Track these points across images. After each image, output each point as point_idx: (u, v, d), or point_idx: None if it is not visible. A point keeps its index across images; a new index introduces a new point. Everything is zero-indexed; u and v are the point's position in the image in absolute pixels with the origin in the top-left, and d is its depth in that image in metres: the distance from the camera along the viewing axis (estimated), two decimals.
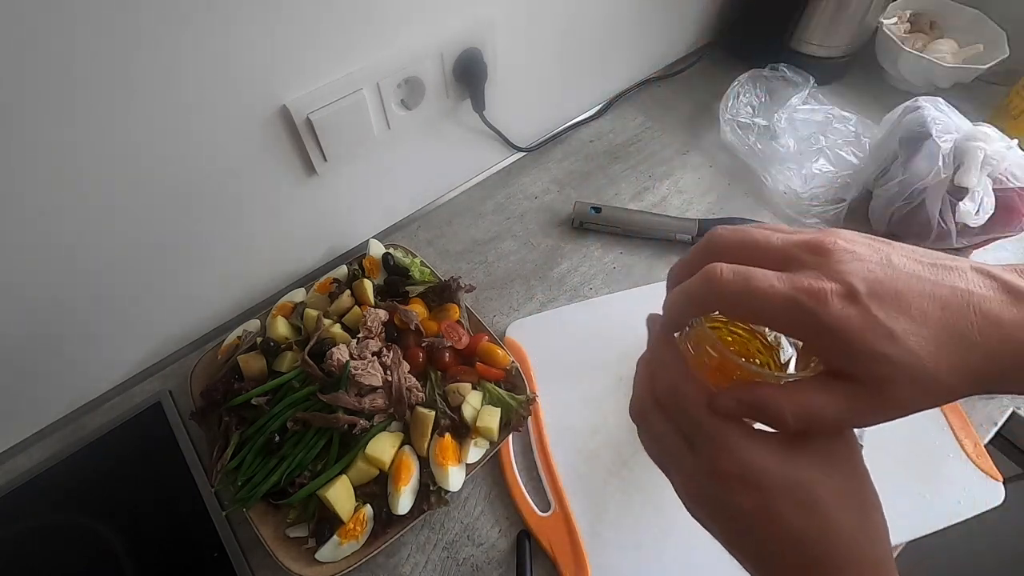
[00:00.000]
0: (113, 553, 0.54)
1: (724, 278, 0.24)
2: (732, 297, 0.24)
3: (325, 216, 0.69)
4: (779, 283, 0.23)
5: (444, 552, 0.53)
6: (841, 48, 0.88)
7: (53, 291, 0.52)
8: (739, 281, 0.23)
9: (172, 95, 0.47)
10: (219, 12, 0.44)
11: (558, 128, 0.88)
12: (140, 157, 0.48)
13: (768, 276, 0.23)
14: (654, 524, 0.53)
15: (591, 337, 0.65)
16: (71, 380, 0.62)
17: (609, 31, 0.81)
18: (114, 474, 0.59)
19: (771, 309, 0.23)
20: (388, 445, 0.54)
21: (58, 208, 0.47)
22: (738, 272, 0.24)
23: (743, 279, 0.23)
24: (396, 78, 0.60)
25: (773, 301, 0.22)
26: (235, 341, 0.63)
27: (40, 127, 0.42)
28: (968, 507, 0.53)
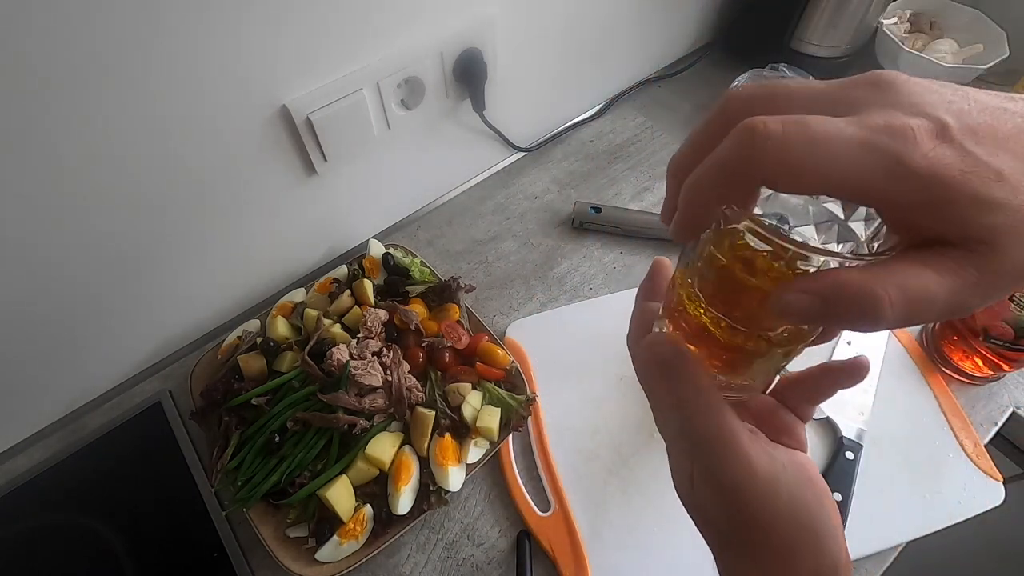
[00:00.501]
0: (113, 553, 0.54)
1: (771, 129, 0.17)
2: (787, 155, 0.17)
3: (325, 216, 0.69)
4: (848, 126, 0.17)
5: (444, 552, 0.53)
6: (841, 48, 0.88)
7: (53, 291, 0.52)
8: (795, 131, 0.17)
9: (172, 95, 0.47)
10: (219, 12, 0.44)
11: (558, 128, 0.88)
12: (140, 157, 0.48)
13: (831, 121, 0.17)
14: (654, 524, 0.53)
15: (591, 337, 0.65)
16: (71, 380, 0.62)
17: (609, 31, 0.81)
18: (114, 474, 0.59)
19: (842, 164, 0.17)
20: (388, 445, 0.54)
21: (58, 208, 0.47)
22: (788, 121, 0.17)
23: (799, 127, 0.17)
24: (396, 78, 0.60)
25: (845, 151, 0.16)
26: (235, 341, 0.63)
27: (40, 128, 0.42)
28: (968, 507, 0.53)
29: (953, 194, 0.16)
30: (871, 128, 0.17)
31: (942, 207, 0.17)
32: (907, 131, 0.16)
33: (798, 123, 0.17)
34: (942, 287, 0.17)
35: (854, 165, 0.17)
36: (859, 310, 0.17)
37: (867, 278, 0.17)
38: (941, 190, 0.16)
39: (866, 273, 0.17)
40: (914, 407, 0.59)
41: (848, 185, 0.17)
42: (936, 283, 0.17)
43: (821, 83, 0.19)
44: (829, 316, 0.18)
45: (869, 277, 0.17)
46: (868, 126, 0.17)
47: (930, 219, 0.17)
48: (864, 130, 0.17)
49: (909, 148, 0.16)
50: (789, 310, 0.18)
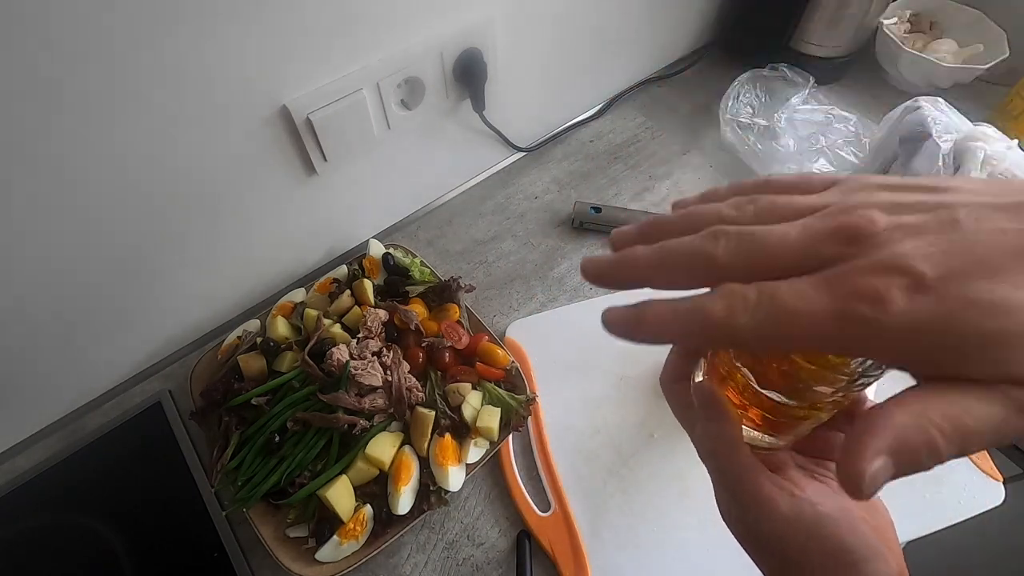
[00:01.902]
0: (113, 553, 0.54)
1: (737, 320, 0.17)
2: (762, 332, 0.17)
3: (325, 216, 0.69)
4: (819, 295, 0.17)
5: (444, 552, 0.53)
6: (841, 48, 0.88)
7: (53, 291, 0.52)
8: (767, 311, 0.17)
9: (172, 96, 0.47)
10: (219, 12, 0.44)
11: (558, 128, 0.88)
12: (140, 157, 0.48)
13: (801, 291, 0.17)
14: (654, 524, 0.53)
15: (591, 337, 0.64)
16: (71, 380, 0.62)
17: (609, 31, 0.81)
18: (114, 474, 0.59)
19: (820, 336, 0.17)
20: (388, 445, 0.54)
21: (58, 208, 0.47)
22: (762, 298, 0.17)
23: (771, 305, 0.17)
24: (396, 78, 0.60)
25: (820, 324, 0.16)
26: (235, 341, 0.63)
27: (39, 128, 0.42)
28: (968, 507, 0.53)
29: (947, 340, 0.16)
30: (843, 296, 0.16)
31: (938, 355, 0.16)
32: (878, 294, 0.16)
33: (771, 299, 0.17)
34: (989, 421, 0.16)
35: (832, 336, 0.17)
36: (924, 461, 0.17)
37: (925, 427, 0.16)
38: (930, 341, 0.16)
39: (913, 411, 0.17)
40: None
41: (831, 350, 0.18)
42: (986, 417, 0.16)
43: (798, 232, 0.18)
44: (904, 472, 0.17)
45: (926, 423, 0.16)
46: (840, 294, 0.16)
47: (933, 368, 0.17)
48: (837, 300, 0.16)
49: (880, 312, 0.16)
50: (874, 482, 0.17)
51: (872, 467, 0.16)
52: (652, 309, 0.19)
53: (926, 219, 0.17)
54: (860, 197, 0.19)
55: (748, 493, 0.24)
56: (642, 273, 0.20)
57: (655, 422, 0.59)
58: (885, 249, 0.17)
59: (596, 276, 0.21)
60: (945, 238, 0.16)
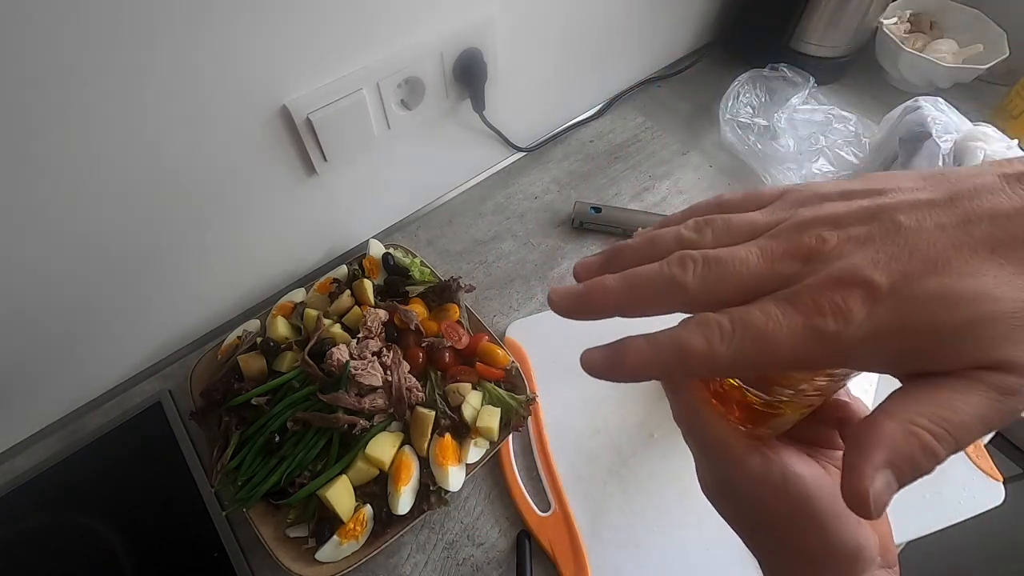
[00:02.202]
0: (113, 553, 0.54)
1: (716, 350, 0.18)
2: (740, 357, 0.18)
3: (325, 216, 0.69)
4: (786, 315, 0.18)
5: (444, 552, 0.53)
6: (841, 48, 0.88)
7: (53, 291, 0.52)
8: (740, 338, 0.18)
9: (172, 96, 0.47)
10: (219, 12, 0.44)
11: (558, 128, 0.88)
12: (140, 157, 0.48)
13: (769, 310, 0.18)
14: (654, 524, 0.53)
15: (591, 337, 0.64)
16: (71, 380, 0.62)
17: (609, 31, 0.81)
18: (114, 474, 0.59)
19: (792, 353, 0.18)
20: (388, 445, 0.54)
21: (57, 208, 0.47)
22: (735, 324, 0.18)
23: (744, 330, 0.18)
24: (396, 78, 0.60)
25: (791, 341, 0.18)
26: (235, 341, 0.63)
27: (39, 128, 0.42)
28: (968, 507, 0.53)
29: (910, 340, 0.17)
30: (809, 313, 0.17)
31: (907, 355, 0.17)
32: (838, 308, 0.17)
33: (745, 326, 0.18)
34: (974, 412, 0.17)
35: (804, 352, 0.18)
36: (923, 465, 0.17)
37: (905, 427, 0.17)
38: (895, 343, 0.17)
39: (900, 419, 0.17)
40: None
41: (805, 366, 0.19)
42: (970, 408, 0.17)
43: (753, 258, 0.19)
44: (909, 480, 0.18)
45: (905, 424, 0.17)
46: (805, 311, 0.18)
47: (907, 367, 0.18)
48: (801, 316, 0.18)
49: (843, 325, 0.17)
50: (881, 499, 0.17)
51: (876, 485, 0.17)
52: (631, 347, 0.20)
53: (871, 228, 0.18)
54: (807, 212, 0.20)
55: (719, 452, 0.24)
56: (613, 303, 0.21)
57: (655, 422, 0.59)
58: (838, 263, 0.18)
59: (566, 309, 0.22)
60: (891, 244, 0.17)
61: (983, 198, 0.17)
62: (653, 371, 0.20)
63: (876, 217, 0.18)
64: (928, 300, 0.17)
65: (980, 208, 0.17)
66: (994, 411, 0.16)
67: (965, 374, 0.17)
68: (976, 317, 0.16)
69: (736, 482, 0.24)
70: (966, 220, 0.17)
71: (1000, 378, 0.16)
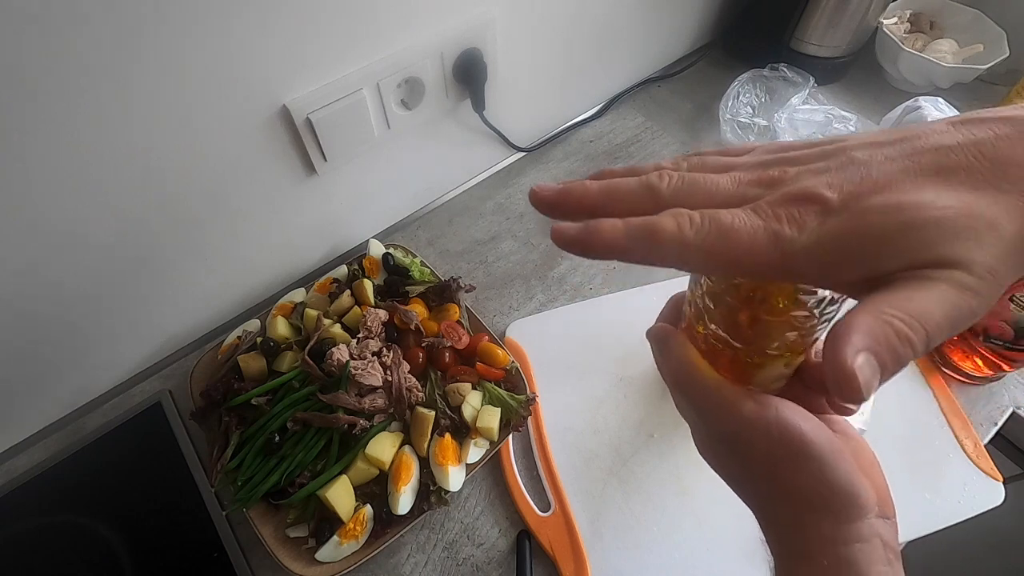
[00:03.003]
0: (113, 553, 0.54)
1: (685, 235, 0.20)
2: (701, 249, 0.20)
3: (325, 216, 0.69)
4: (750, 217, 0.19)
5: (444, 552, 0.53)
6: (841, 48, 0.88)
7: (53, 292, 0.52)
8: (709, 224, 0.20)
9: (172, 95, 0.47)
10: (219, 12, 0.44)
11: (558, 128, 0.88)
12: (140, 157, 0.48)
13: (735, 212, 0.20)
14: (654, 524, 0.53)
15: (591, 337, 0.65)
16: (71, 380, 0.62)
17: (609, 31, 0.81)
18: (114, 474, 0.59)
19: (753, 253, 0.19)
20: (388, 445, 0.54)
21: (58, 208, 0.47)
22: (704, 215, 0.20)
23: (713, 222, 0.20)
24: (396, 78, 0.60)
25: (751, 238, 0.19)
26: (235, 341, 0.63)
27: (40, 127, 0.42)
28: (968, 507, 0.53)
29: (861, 243, 0.18)
30: (768, 218, 0.19)
31: (860, 258, 0.19)
32: (794, 218, 0.19)
33: (713, 219, 0.20)
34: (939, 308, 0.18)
35: (761, 251, 0.19)
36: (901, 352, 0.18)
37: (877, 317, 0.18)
38: (846, 248, 0.18)
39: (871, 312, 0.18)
40: (914, 407, 0.59)
41: (763, 268, 0.20)
42: (935, 304, 0.18)
43: (723, 181, 0.21)
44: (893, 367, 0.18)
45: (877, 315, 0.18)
46: (764, 218, 0.19)
47: (863, 270, 0.19)
48: (762, 221, 0.19)
49: (797, 231, 0.19)
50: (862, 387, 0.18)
51: (859, 362, 0.17)
52: (606, 224, 0.21)
53: (828, 163, 0.20)
54: (775, 156, 0.22)
55: (713, 402, 0.25)
56: (590, 202, 0.22)
57: (655, 422, 0.59)
58: (797, 184, 0.20)
59: (545, 201, 0.23)
60: (845, 172, 0.19)
61: (930, 137, 0.19)
62: (623, 247, 0.21)
63: (833, 155, 0.20)
64: (876, 210, 0.18)
65: (927, 143, 0.19)
66: (954, 307, 0.17)
67: (919, 274, 0.18)
68: (922, 219, 0.18)
69: (731, 428, 0.25)
70: (914, 152, 0.19)
71: (954, 275, 0.17)
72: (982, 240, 0.17)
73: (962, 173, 0.18)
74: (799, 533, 0.26)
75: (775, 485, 0.26)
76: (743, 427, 0.25)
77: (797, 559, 0.26)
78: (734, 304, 0.24)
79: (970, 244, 0.17)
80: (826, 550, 0.25)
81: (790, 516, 0.26)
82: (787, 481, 0.25)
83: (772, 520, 0.27)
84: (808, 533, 0.25)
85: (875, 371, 0.18)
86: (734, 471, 0.28)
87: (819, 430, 0.25)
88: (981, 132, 0.19)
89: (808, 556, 0.25)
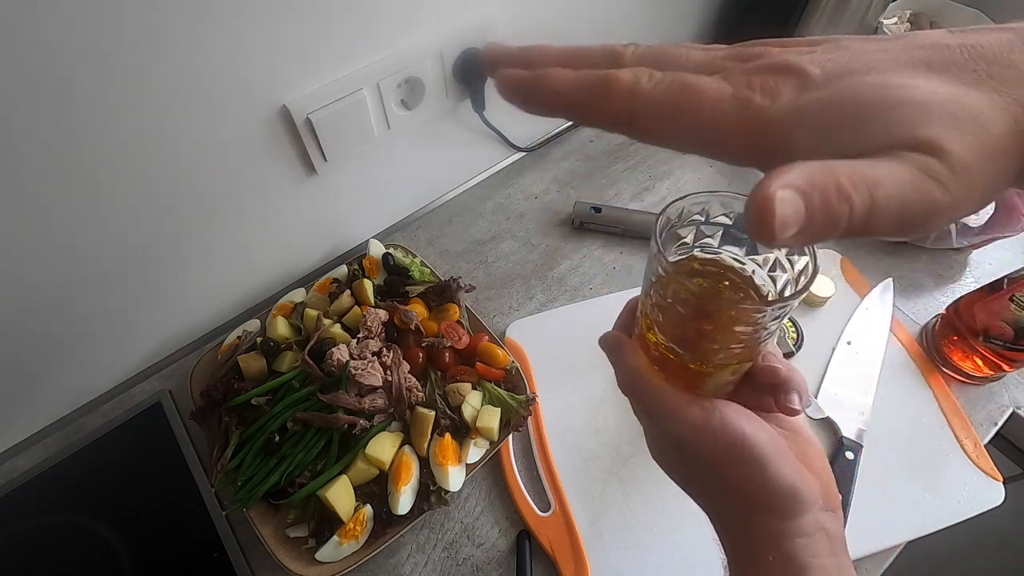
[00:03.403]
0: (113, 553, 0.54)
1: (642, 86, 0.18)
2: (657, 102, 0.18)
3: (325, 216, 0.69)
4: (717, 83, 0.18)
5: (444, 552, 0.53)
6: None
7: (53, 291, 0.52)
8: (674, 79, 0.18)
9: (172, 95, 0.47)
10: (219, 12, 0.44)
11: (558, 128, 0.88)
12: (140, 157, 0.48)
13: (703, 77, 0.18)
14: (654, 524, 0.53)
15: (591, 337, 0.64)
16: (71, 380, 0.62)
17: (609, 30, 0.80)
18: (114, 474, 0.59)
19: (714, 116, 0.18)
20: (388, 445, 0.54)
21: (58, 208, 0.47)
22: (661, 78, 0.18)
23: (679, 78, 0.18)
24: (396, 78, 0.60)
25: (715, 105, 0.18)
26: (235, 341, 0.63)
27: (40, 127, 0.42)
28: (968, 507, 0.53)
29: (834, 117, 0.17)
30: (740, 86, 0.18)
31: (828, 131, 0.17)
32: (768, 87, 0.17)
33: (676, 75, 0.18)
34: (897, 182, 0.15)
35: (725, 115, 0.18)
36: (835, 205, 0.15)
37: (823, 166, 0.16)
38: (817, 121, 0.17)
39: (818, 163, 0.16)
40: (914, 407, 0.59)
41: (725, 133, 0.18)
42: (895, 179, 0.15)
43: (696, 53, 0.20)
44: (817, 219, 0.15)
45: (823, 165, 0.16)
46: (737, 84, 0.18)
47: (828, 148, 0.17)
48: (731, 88, 0.18)
49: (770, 101, 0.17)
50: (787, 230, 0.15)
51: (780, 195, 0.15)
52: (555, 70, 0.19)
53: (817, 48, 0.19)
54: (758, 44, 0.20)
55: (661, 407, 0.26)
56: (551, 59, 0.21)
57: None
58: (780, 57, 0.18)
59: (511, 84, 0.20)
60: (833, 52, 0.18)
61: (927, 36, 0.18)
62: (570, 97, 0.19)
63: (822, 43, 0.19)
64: (858, 85, 0.17)
65: (924, 40, 0.18)
66: (913, 189, 0.15)
67: (890, 152, 0.16)
68: (906, 97, 0.16)
69: (679, 432, 0.26)
70: (908, 47, 0.18)
71: (923, 159, 0.16)
72: (965, 130, 0.16)
73: (956, 68, 0.17)
74: (745, 531, 0.27)
75: (721, 486, 0.27)
76: (689, 431, 0.26)
77: (745, 557, 0.27)
78: (681, 317, 0.25)
79: (952, 132, 0.16)
80: (771, 546, 0.26)
81: (737, 515, 0.27)
82: (732, 482, 0.26)
83: (721, 520, 0.28)
84: (754, 531, 0.26)
85: (798, 213, 0.15)
86: (684, 473, 0.29)
87: (761, 432, 0.26)
88: (982, 36, 0.18)
89: (755, 554, 0.26)
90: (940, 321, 0.62)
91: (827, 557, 0.26)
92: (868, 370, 0.61)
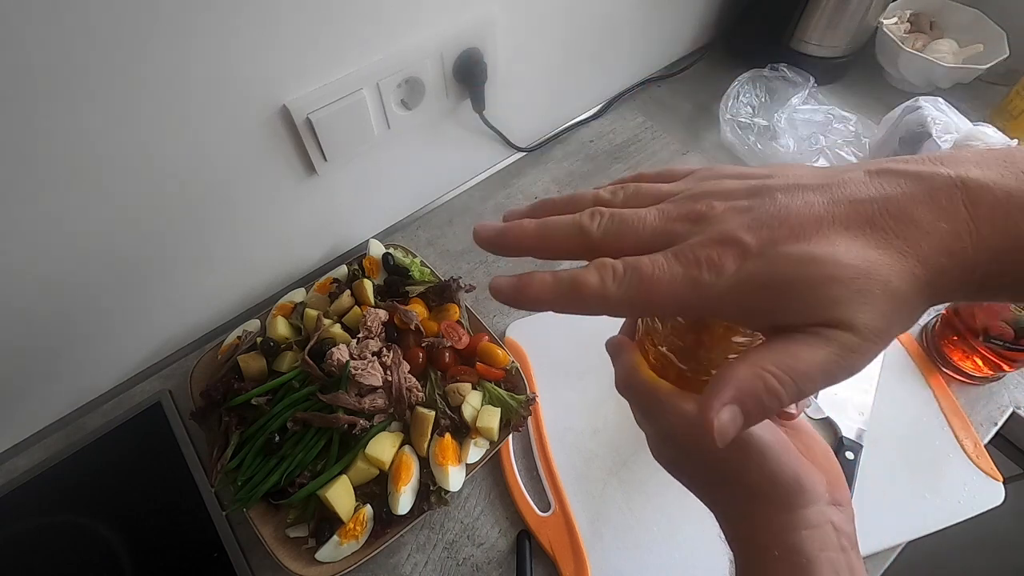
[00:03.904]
0: (113, 553, 0.54)
1: (608, 289, 0.21)
2: (623, 301, 0.21)
3: (325, 216, 0.69)
4: (671, 265, 0.20)
5: (444, 552, 0.53)
6: (841, 48, 0.88)
7: (53, 291, 0.52)
8: (628, 280, 0.21)
9: (173, 96, 0.47)
10: (219, 12, 0.44)
11: (558, 128, 0.88)
12: (140, 157, 0.48)
13: (657, 260, 0.21)
14: (654, 524, 0.53)
15: (591, 337, 0.64)
16: (71, 380, 0.62)
17: (609, 31, 0.81)
18: (114, 474, 0.59)
19: (673, 300, 0.20)
20: (388, 445, 0.54)
21: (58, 208, 0.47)
22: (627, 267, 0.21)
23: (635, 273, 0.21)
24: (396, 78, 0.60)
25: (672, 286, 0.20)
26: (235, 341, 0.63)
27: (41, 127, 0.42)
28: (968, 507, 0.53)
29: (770, 291, 0.20)
30: (689, 264, 0.20)
31: (768, 305, 0.20)
32: (713, 262, 0.20)
33: (635, 270, 0.21)
34: (815, 362, 0.19)
35: (681, 297, 0.20)
36: (767, 402, 0.19)
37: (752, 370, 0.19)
38: (759, 295, 0.20)
39: (750, 363, 0.20)
40: (914, 407, 0.59)
41: (683, 310, 0.21)
42: (812, 358, 0.19)
43: (651, 217, 0.22)
44: (754, 414, 0.20)
45: (753, 367, 0.20)
46: (686, 262, 0.20)
47: (769, 318, 0.20)
48: (682, 267, 0.20)
49: (716, 276, 0.20)
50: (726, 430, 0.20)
51: (721, 416, 0.19)
52: (537, 278, 0.22)
53: (752, 202, 0.21)
54: (707, 186, 0.23)
55: (658, 406, 0.27)
56: (527, 243, 0.24)
57: None
58: (720, 226, 0.21)
59: (486, 240, 0.25)
60: (766, 214, 0.20)
61: (847, 187, 0.20)
62: (552, 301, 0.22)
63: (759, 193, 0.21)
64: (788, 259, 0.19)
65: (843, 194, 0.20)
66: (835, 364, 0.19)
67: (814, 330, 0.19)
68: (823, 278, 0.19)
69: (677, 430, 0.26)
70: (831, 202, 0.20)
71: (842, 336, 0.19)
72: (875, 302, 0.19)
73: (869, 229, 0.19)
74: (750, 525, 0.27)
75: (723, 479, 0.27)
76: (688, 427, 0.26)
77: (751, 551, 0.27)
78: (678, 329, 0.26)
79: (864, 307, 0.19)
80: (776, 539, 0.26)
81: (740, 509, 0.27)
82: (734, 475, 0.26)
83: (725, 515, 0.28)
84: (758, 524, 0.26)
85: (736, 419, 0.19)
86: (686, 469, 0.29)
87: (762, 425, 0.26)
88: (891, 187, 0.20)
89: (761, 547, 0.26)
90: (940, 321, 0.62)
91: (835, 551, 0.25)
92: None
